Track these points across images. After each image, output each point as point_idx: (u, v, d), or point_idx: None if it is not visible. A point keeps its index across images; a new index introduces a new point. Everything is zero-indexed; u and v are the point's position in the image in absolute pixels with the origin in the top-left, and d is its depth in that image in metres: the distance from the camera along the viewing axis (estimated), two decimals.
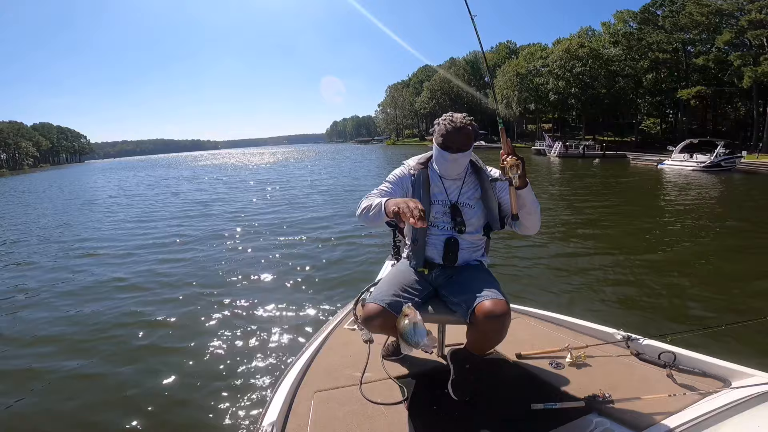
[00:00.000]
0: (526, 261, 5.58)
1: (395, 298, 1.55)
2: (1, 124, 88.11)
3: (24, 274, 6.12)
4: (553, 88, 42.24)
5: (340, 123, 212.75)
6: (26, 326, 4.08)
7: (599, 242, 6.76)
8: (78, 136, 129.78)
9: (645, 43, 35.20)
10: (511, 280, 4.79)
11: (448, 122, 1.60)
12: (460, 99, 70.74)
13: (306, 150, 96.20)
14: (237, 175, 25.68)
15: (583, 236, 7.19)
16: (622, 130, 42.78)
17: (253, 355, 3.22)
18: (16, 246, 8.31)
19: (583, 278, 4.93)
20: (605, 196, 12.09)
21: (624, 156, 28.36)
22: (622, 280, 4.87)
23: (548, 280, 4.90)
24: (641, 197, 12.28)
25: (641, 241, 6.73)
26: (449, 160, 1.62)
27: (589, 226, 7.94)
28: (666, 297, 4.31)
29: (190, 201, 13.79)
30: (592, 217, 8.76)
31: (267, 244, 6.92)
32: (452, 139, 1.59)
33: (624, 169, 21.44)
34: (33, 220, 12.16)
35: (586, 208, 9.96)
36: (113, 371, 3.13)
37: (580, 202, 11.14)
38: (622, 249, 6.16)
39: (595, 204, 10.56)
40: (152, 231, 8.85)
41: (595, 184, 15.24)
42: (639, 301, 4.25)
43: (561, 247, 6.35)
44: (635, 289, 4.53)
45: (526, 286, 4.67)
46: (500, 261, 5.47)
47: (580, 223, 8.27)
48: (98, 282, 5.37)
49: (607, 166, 23.51)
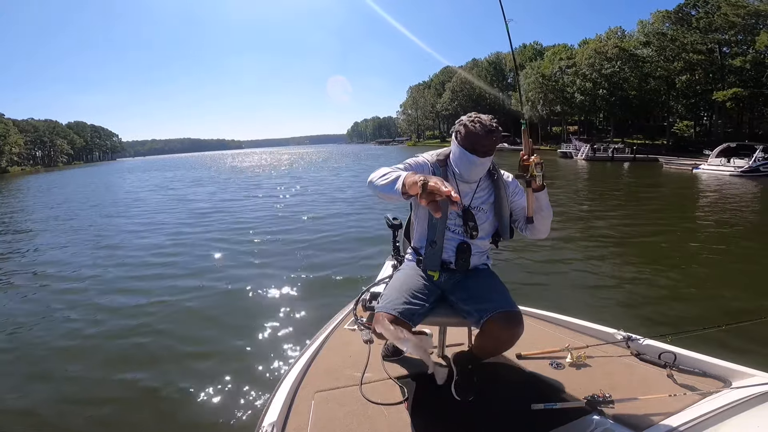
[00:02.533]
0: (527, 261, 5.52)
1: (406, 306, 1.54)
2: (38, 122, 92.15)
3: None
4: (580, 90, 41.26)
5: (360, 124, 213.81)
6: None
7: (602, 242, 6.68)
8: (110, 134, 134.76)
9: (679, 44, 34.01)
10: (511, 280, 4.68)
11: (478, 124, 1.51)
12: (482, 100, 70.01)
13: (326, 150, 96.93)
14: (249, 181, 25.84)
15: (587, 237, 7.10)
16: (653, 133, 41.42)
17: (253, 355, 3.22)
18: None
19: (583, 278, 4.94)
20: (634, 201, 11.66)
21: (655, 160, 27.35)
22: (622, 280, 4.87)
23: (549, 279, 4.88)
24: (671, 201, 11.82)
25: (658, 243, 6.62)
26: (475, 164, 1.54)
27: (603, 228, 7.77)
28: (666, 297, 4.30)
29: (189, 205, 13.58)
30: (614, 222, 8.46)
31: (267, 244, 6.91)
32: (481, 142, 1.50)
33: (656, 174, 20.72)
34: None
35: (602, 210, 9.72)
36: (113, 371, 3.11)
37: (598, 204, 10.83)
38: (626, 250, 6.14)
39: (614, 206, 10.28)
40: (150, 229, 8.90)
41: (622, 187, 14.76)
42: (639, 301, 4.21)
43: (562, 247, 6.28)
44: (636, 290, 4.50)
45: (526, 286, 4.65)
46: (501, 261, 5.38)
47: (594, 225, 8.10)
48: (99, 280, 5.41)
49: (637, 170, 22.76)
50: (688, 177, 19.12)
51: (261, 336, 3.55)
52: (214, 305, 4.30)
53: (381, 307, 1.57)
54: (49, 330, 3.94)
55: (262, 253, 6.37)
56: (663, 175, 20.50)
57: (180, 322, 3.93)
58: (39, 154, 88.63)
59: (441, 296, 1.69)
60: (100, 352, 3.46)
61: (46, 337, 3.78)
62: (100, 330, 3.87)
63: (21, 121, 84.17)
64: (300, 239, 7.22)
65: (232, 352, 3.29)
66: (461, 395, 1.59)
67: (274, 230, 8.16)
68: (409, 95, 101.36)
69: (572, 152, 32.70)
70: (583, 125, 49.04)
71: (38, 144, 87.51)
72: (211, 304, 4.32)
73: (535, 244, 5.99)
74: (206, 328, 3.77)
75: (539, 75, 47.11)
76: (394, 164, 1.49)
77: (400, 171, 1.31)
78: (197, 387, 2.84)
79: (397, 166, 1.47)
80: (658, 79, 36.73)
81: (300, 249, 6.51)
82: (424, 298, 1.60)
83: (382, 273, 2.41)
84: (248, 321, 3.85)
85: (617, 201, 11.75)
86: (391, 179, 1.28)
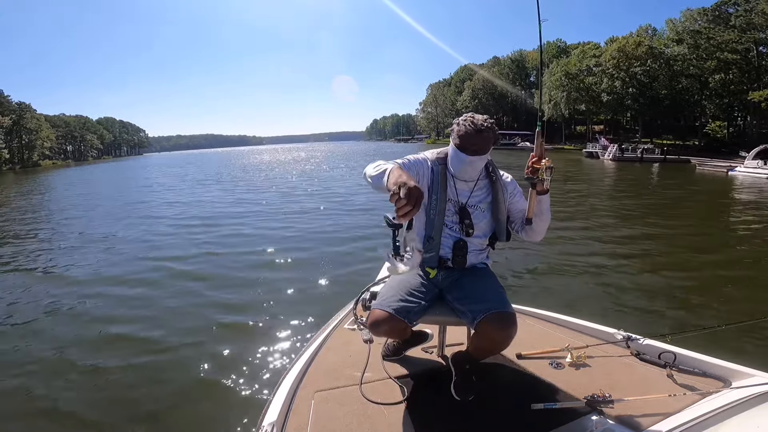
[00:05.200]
0: (527, 261, 5.50)
1: (402, 303, 1.56)
2: (69, 117, 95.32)
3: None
4: (607, 89, 40.28)
5: (380, 121, 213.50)
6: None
7: (605, 244, 6.64)
8: (137, 130, 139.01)
9: (714, 42, 32.84)
10: (511, 280, 4.75)
11: (469, 123, 1.54)
12: (503, 99, 69.11)
13: (346, 147, 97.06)
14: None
15: (592, 237, 7.04)
16: (683, 134, 40.15)
17: (253, 355, 3.19)
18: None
19: (583, 278, 4.89)
20: (668, 206, 11.35)
21: (687, 161, 26.61)
22: (623, 280, 4.80)
23: (549, 279, 4.85)
24: (704, 205, 11.46)
25: (675, 242, 6.60)
26: (466, 162, 1.58)
27: (629, 229, 7.60)
28: (667, 298, 4.28)
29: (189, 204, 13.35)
30: (640, 224, 8.19)
31: (267, 245, 6.84)
32: (471, 141, 1.54)
33: (688, 176, 20.14)
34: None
35: (627, 211, 9.51)
36: (112, 371, 3.07)
37: (623, 204, 10.55)
38: (630, 250, 6.12)
39: (635, 203, 9.96)
40: (148, 228, 8.92)
41: (650, 188, 14.38)
42: (639, 302, 4.16)
43: (562, 248, 6.23)
44: (636, 290, 4.47)
45: (526, 286, 4.64)
46: (501, 260, 5.36)
47: (620, 225, 7.90)
48: (99, 278, 5.41)
49: (668, 171, 22.16)
50: (724, 180, 18.52)
51: (261, 336, 3.51)
52: (214, 305, 4.26)
53: (377, 304, 1.60)
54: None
55: (261, 253, 6.32)
56: (696, 177, 19.91)
57: (179, 322, 3.89)
58: (69, 148, 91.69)
59: (439, 295, 1.71)
60: (99, 352, 3.38)
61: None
62: (99, 331, 3.80)
63: (53, 117, 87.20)
64: (299, 239, 7.20)
65: (232, 352, 3.25)
66: (461, 395, 1.59)
67: (273, 230, 8.12)
68: (429, 93, 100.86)
69: (598, 152, 32.05)
70: (609, 125, 47.92)
71: (69, 139, 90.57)
72: (212, 305, 4.28)
73: (536, 244, 5.95)
74: (206, 328, 3.73)
75: (563, 73, 46.20)
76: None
77: (392, 165, 1.38)
78: (197, 387, 2.83)
79: (396, 161, 1.50)
80: (690, 78, 35.59)
81: (300, 249, 6.50)
82: (420, 296, 1.62)
83: (381, 273, 2.43)
84: (248, 321, 3.84)
85: (642, 202, 11.47)
86: (380, 171, 1.37)
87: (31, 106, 70.77)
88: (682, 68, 35.75)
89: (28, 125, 67.38)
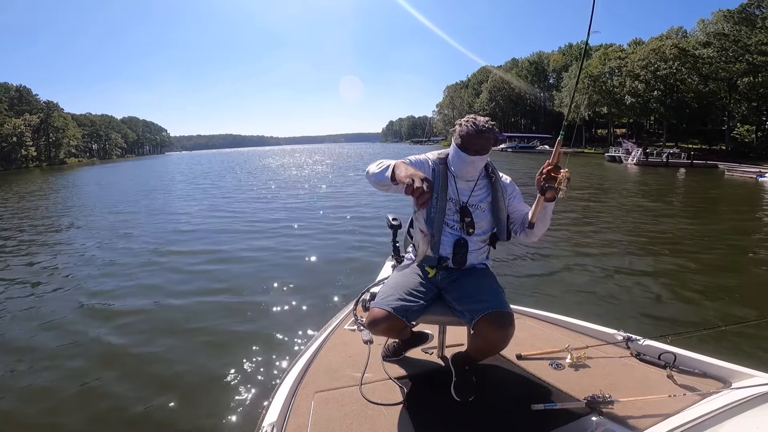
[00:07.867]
0: (528, 261, 5.49)
1: (400, 302, 1.57)
2: (94, 116, 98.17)
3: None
4: (631, 91, 39.42)
5: (395, 123, 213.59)
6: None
7: (608, 243, 6.63)
8: (160, 129, 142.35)
9: (742, 45, 31.82)
10: (511, 280, 4.76)
11: (471, 124, 1.59)
12: (522, 101, 68.31)
13: (362, 148, 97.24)
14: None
15: (592, 238, 7.02)
16: (709, 138, 38.99)
17: (254, 356, 3.20)
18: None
19: (584, 279, 4.91)
20: (695, 210, 11.06)
21: (715, 166, 25.86)
22: (623, 281, 4.82)
23: (549, 280, 4.86)
24: (732, 211, 11.09)
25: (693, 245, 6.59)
26: (466, 162, 1.62)
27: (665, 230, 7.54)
28: (667, 298, 4.29)
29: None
30: (664, 228, 8.09)
31: (266, 244, 6.87)
32: (472, 141, 1.59)
33: (716, 182, 19.54)
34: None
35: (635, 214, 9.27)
36: (112, 371, 3.08)
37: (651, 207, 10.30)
38: (632, 250, 6.12)
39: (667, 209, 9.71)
40: (147, 226, 9.05)
41: (678, 193, 14.00)
42: (639, 302, 4.17)
43: (563, 248, 6.22)
44: (636, 290, 4.49)
45: (526, 286, 4.65)
46: (501, 260, 5.36)
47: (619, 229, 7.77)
48: (99, 277, 5.45)
49: (695, 176, 21.55)
50: (754, 186, 17.91)
51: (261, 336, 3.52)
52: (213, 305, 4.28)
53: (375, 303, 1.61)
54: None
55: (261, 253, 6.32)
56: (725, 182, 19.37)
57: (179, 323, 3.90)
58: (95, 147, 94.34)
59: (438, 294, 1.72)
60: (99, 352, 3.40)
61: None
62: (99, 330, 3.79)
63: (79, 116, 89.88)
64: (299, 239, 7.25)
65: (232, 352, 3.26)
66: (461, 396, 1.61)
67: (273, 230, 8.16)
68: (446, 95, 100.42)
69: (621, 156, 31.41)
70: (631, 128, 46.88)
71: (94, 137, 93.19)
72: (211, 304, 4.29)
73: (537, 244, 5.94)
74: (205, 328, 3.75)
75: (586, 76, 45.37)
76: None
77: (394, 161, 1.48)
78: (197, 387, 2.84)
79: (399, 161, 1.54)
80: (717, 81, 34.57)
81: (300, 249, 6.52)
82: (419, 295, 1.63)
83: (382, 273, 2.46)
84: (248, 321, 3.85)
85: (668, 205, 11.25)
86: (383, 167, 1.47)
87: (58, 105, 73.26)
88: (709, 71, 34.76)
89: (55, 124, 69.63)
